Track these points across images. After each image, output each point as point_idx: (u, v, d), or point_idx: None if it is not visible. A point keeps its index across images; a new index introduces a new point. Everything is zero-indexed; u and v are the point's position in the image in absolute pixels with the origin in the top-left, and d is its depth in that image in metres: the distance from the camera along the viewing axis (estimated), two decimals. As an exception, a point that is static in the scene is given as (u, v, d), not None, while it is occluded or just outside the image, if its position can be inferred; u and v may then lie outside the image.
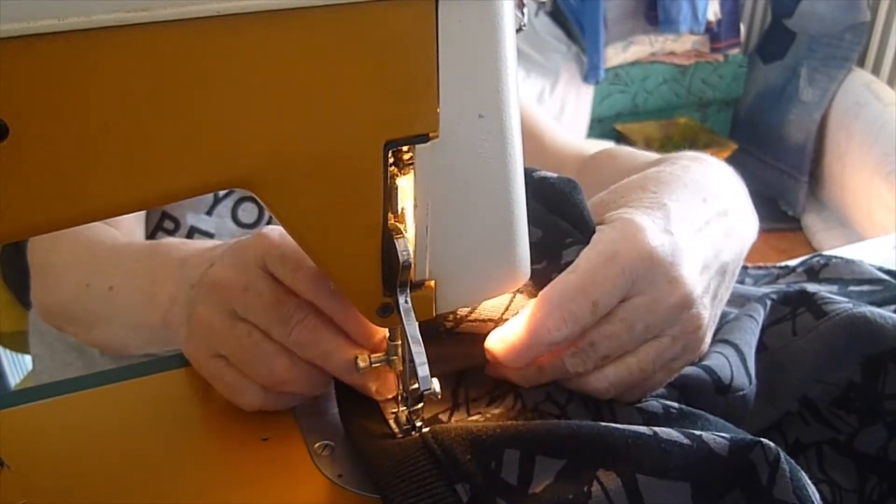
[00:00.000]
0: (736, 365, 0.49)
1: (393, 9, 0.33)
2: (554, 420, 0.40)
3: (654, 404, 0.45)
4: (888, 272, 0.63)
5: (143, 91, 0.30)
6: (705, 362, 0.49)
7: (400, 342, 0.45)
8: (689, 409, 0.45)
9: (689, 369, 0.48)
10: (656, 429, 0.40)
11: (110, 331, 0.59)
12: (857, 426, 0.48)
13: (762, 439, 0.39)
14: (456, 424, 0.41)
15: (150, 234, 0.75)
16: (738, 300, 0.59)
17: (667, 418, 0.43)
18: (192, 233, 0.75)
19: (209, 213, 0.75)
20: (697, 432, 0.40)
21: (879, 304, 0.57)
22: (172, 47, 0.30)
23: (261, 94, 0.32)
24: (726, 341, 0.51)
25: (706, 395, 0.48)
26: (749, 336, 0.51)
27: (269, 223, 0.78)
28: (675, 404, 0.45)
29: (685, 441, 0.39)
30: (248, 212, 0.77)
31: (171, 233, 0.75)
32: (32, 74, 0.28)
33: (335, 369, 0.45)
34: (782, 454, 0.38)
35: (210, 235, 0.75)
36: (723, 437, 0.40)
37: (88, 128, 0.30)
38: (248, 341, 0.44)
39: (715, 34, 2.79)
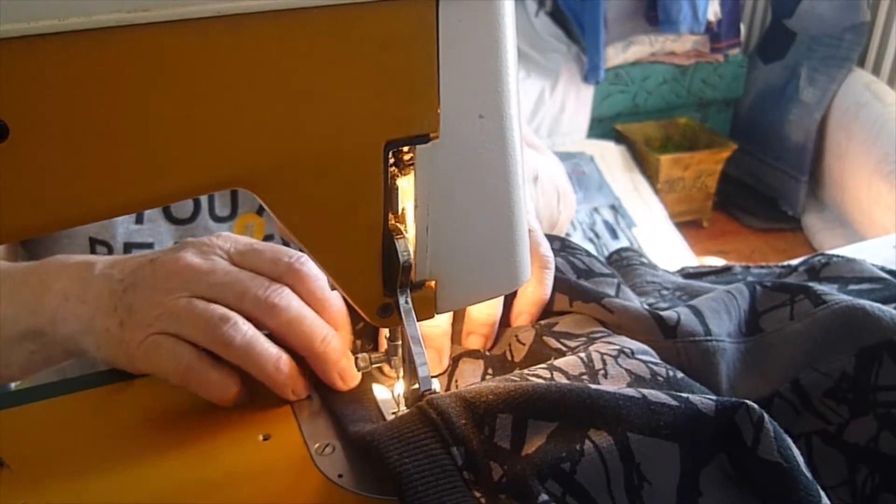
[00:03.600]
0: (685, 314, 0.50)
1: (393, 9, 0.33)
2: (545, 384, 0.40)
3: (642, 368, 0.45)
4: (889, 272, 0.63)
5: (143, 91, 0.30)
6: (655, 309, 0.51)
7: (400, 342, 0.46)
8: (675, 376, 0.45)
9: (635, 311, 0.50)
10: (644, 391, 0.40)
11: None
12: (848, 417, 0.48)
13: (746, 401, 0.39)
14: (451, 392, 0.42)
15: None
16: None
17: (654, 384, 0.44)
18: (127, 249, 0.70)
19: (139, 220, 0.70)
20: (684, 395, 0.40)
21: (879, 303, 0.57)
22: (172, 47, 0.30)
23: (261, 94, 0.32)
24: (684, 305, 0.52)
25: (654, 340, 0.49)
26: (715, 303, 0.52)
27: (208, 215, 0.72)
28: (664, 371, 0.45)
29: (673, 402, 0.39)
30: (181, 207, 0.72)
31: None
32: (32, 74, 0.28)
33: (305, 333, 0.47)
34: (766, 415, 0.39)
35: (149, 246, 0.71)
36: (709, 398, 0.40)
37: (88, 128, 0.30)
38: (203, 307, 0.46)
39: (715, 34, 2.79)
